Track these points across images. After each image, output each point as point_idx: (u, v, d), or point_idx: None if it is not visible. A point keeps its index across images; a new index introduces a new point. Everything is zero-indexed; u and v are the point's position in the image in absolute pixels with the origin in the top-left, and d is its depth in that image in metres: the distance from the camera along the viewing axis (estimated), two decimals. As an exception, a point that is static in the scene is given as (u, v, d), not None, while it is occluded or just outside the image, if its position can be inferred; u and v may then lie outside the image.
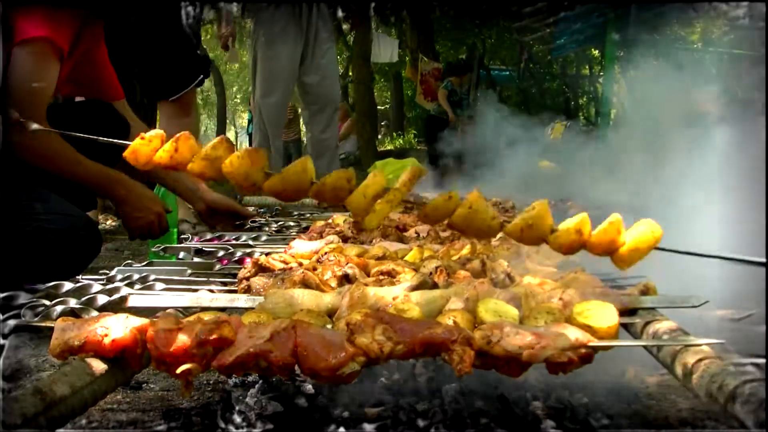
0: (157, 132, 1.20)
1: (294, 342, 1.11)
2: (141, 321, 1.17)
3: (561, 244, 1.10)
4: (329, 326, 1.27)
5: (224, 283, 1.74)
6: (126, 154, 1.18)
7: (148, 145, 1.18)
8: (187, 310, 1.46)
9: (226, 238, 2.33)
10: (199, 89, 4.40)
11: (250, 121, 13.11)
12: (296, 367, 1.11)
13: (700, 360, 1.09)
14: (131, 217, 2.17)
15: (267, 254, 1.86)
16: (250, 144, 12.95)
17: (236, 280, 1.70)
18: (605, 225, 1.12)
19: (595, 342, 1.15)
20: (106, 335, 1.12)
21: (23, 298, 1.33)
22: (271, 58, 5.35)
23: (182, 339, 1.10)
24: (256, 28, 5.40)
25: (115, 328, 1.13)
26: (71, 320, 1.17)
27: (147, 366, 1.17)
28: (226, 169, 1.12)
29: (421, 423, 1.30)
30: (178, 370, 1.05)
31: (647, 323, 1.34)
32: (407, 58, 13.21)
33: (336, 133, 5.97)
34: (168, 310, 1.40)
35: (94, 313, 1.36)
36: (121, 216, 2.24)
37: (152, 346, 1.12)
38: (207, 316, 1.21)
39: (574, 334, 1.15)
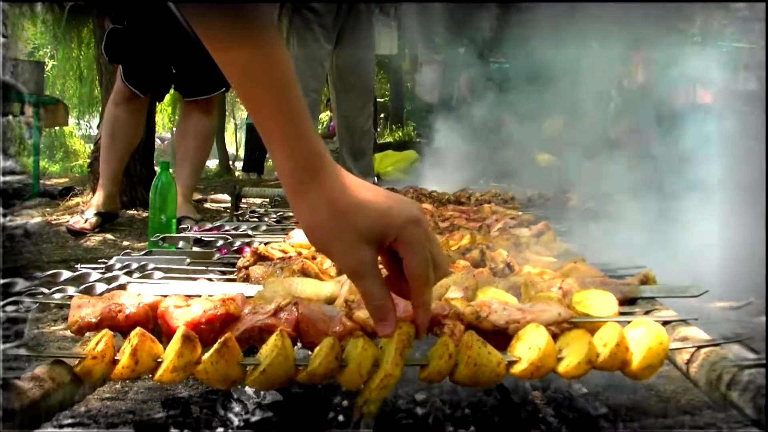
0: (106, 343, 1.06)
1: (296, 317, 1.17)
2: (152, 298, 1.23)
3: (572, 375, 1.08)
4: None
5: (223, 272, 1.73)
6: (77, 371, 1.04)
7: (102, 362, 1.04)
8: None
9: (226, 228, 2.33)
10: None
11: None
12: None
13: (699, 349, 1.09)
14: None
15: (266, 244, 1.86)
16: (247, 134, 12.93)
17: (235, 269, 1.70)
18: (613, 347, 1.08)
19: (577, 318, 1.20)
20: (120, 311, 1.18)
21: (21, 285, 1.33)
22: (306, 42, 4.93)
23: (191, 314, 1.16)
24: (287, 12, 4.97)
25: (128, 305, 1.19)
26: (86, 297, 1.23)
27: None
28: (202, 377, 1.05)
29: (419, 411, 1.30)
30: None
31: (646, 313, 1.34)
32: (407, 51, 13.17)
33: (371, 120, 5.54)
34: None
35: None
36: None
37: (162, 321, 1.18)
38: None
39: (557, 309, 1.19)
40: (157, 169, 3.57)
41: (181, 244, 2.11)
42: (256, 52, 0.98)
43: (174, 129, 14.97)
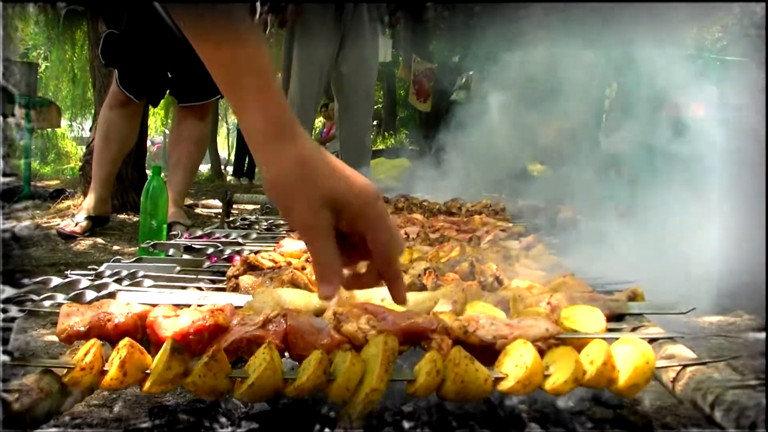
0: (94, 353, 1.06)
1: (284, 329, 1.17)
2: (141, 307, 1.23)
3: (559, 392, 1.09)
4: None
5: (213, 281, 1.73)
6: (65, 381, 1.04)
7: (90, 373, 1.04)
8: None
9: (216, 236, 2.33)
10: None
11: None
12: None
13: (685, 367, 1.10)
14: None
15: (256, 252, 1.85)
16: (238, 138, 12.91)
17: (225, 277, 1.70)
18: (599, 365, 1.08)
19: (564, 333, 1.21)
20: (109, 320, 1.18)
21: (9, 291, 1.33)
22: (307, 45, 4.90)
23: (180, 325, 1.16)
24: (290, 15, 4.87)
25: (117, 314, 1.20)
26: (75, 306, 1.23)
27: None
28: (190, 388, 1.05)
29: (406, 425, 1.30)
30: None
31: (634, 329, 1.34)
32: (400, 59, 13.20)
33: (369, 134, 5.47)
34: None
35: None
36: None
37: (151, 331, 1.18)
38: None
39: (544, 325, 1.19)
40: (148, 173, 3.57)
41: (171, 251, 2.10)
42: (239, 43, 0.98)
43: (166, 132, 14.93)
